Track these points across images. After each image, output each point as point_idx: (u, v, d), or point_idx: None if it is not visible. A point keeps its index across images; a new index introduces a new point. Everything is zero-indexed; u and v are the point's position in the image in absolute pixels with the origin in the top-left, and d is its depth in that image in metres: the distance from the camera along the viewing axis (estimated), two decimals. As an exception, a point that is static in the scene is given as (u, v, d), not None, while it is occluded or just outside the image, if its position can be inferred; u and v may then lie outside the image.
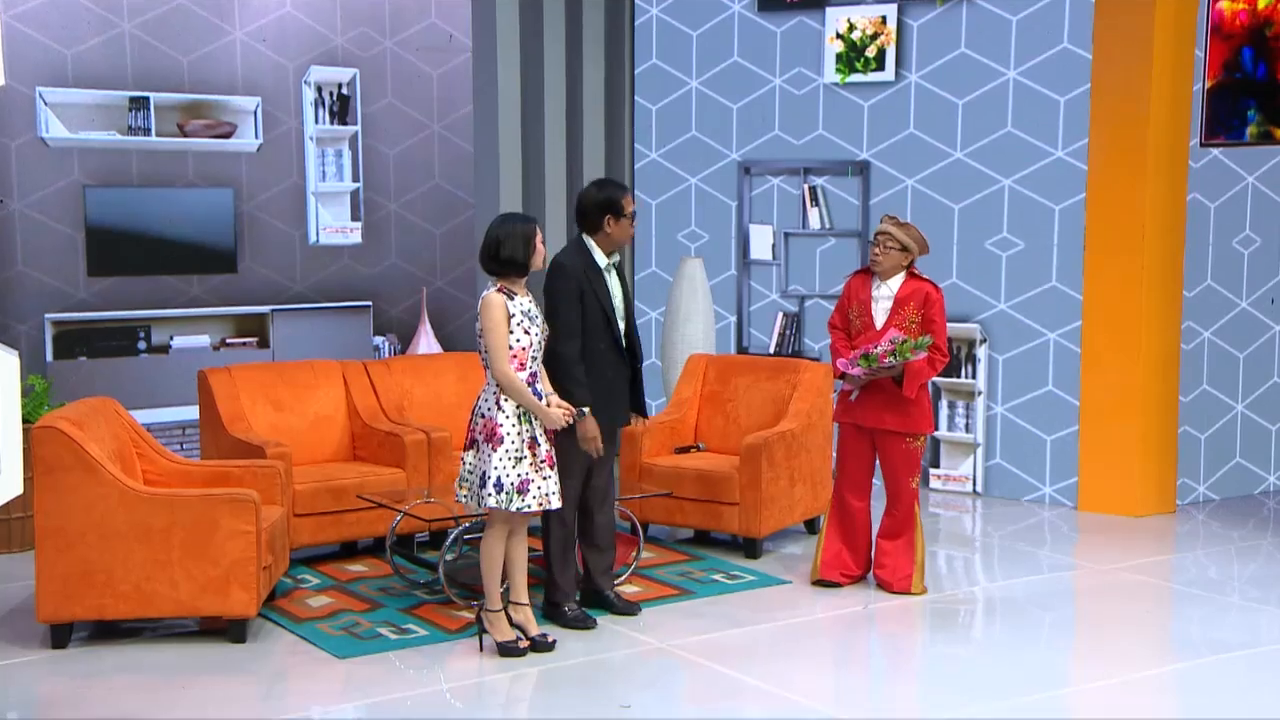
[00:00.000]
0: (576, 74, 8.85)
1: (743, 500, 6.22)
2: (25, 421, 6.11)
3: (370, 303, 9.67)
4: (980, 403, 7.68)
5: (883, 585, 5.81)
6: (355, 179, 9.68)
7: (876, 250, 5.60)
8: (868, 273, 5.71)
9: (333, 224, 9.57)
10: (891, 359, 5.44)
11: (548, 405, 4.92)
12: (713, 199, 8.39)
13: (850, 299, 5.73)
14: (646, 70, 8.55)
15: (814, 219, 8.08)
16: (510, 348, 4.82)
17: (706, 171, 8.41)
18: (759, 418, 6.68)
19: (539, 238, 4.95)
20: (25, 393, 6.44)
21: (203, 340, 9.08)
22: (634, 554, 5.92)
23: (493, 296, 4.86)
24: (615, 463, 5.65)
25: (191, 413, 7.98)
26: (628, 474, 6.58)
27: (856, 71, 7.90)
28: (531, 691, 4.70)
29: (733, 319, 8.32)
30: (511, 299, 4.87)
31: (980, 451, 7.71)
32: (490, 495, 4.80)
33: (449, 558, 5.55)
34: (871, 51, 7.85)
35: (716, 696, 4.72)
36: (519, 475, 4.82)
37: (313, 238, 9.54)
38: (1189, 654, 5.21)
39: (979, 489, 7.74)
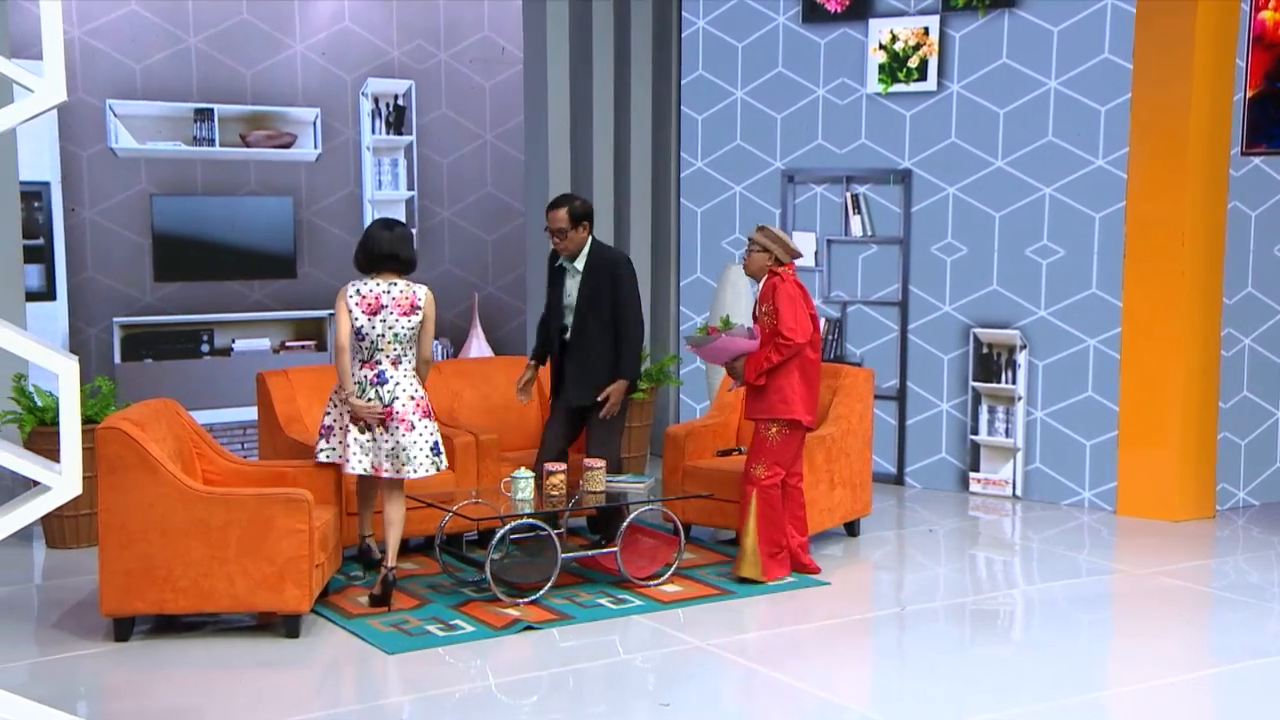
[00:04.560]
0: (624, 85, 8.86)
1: (783, 503, 6.18)
2: (92, 422, 6.20)
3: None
4: (1020, 408, 7.60)
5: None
6: (410, 187, 9.75)
7: (746, 255, 5.93)
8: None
9: (388, 231, 9.62)
10: (699, 334, 5.92)
11: None
12: (756, 206, 8.36)
13: None
14: (693, 81, 8.54)
15: (856, 226, 8.03)
16: None
17: (751, 180, 8.38)
18: (800, 422, 6.63)
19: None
20: (93, 394, 6.53)
21: (263, 343, 9.19)
22: (675, 554, 5.91)
23: (430, 292, 5.51)
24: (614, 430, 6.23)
25: (252, 413, 8.05)
26: (670, 475, 6.57)
27: (899, 81, 7.84)
28: (572, 687, 4.70)
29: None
30: None
31: (1020, 456, 7.63)
32: (443, 461, 5.50)
33: (495, 556, 5.56)
34: (914, 62, 7.79)
35: (755, 695, 4.69)
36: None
37: (369, 244, 9.60)
38: (1228, 659, 5.11)
39: (1019, 493, 7.65)
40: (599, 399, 6.09)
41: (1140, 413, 7.22)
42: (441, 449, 5.50)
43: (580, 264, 6.14)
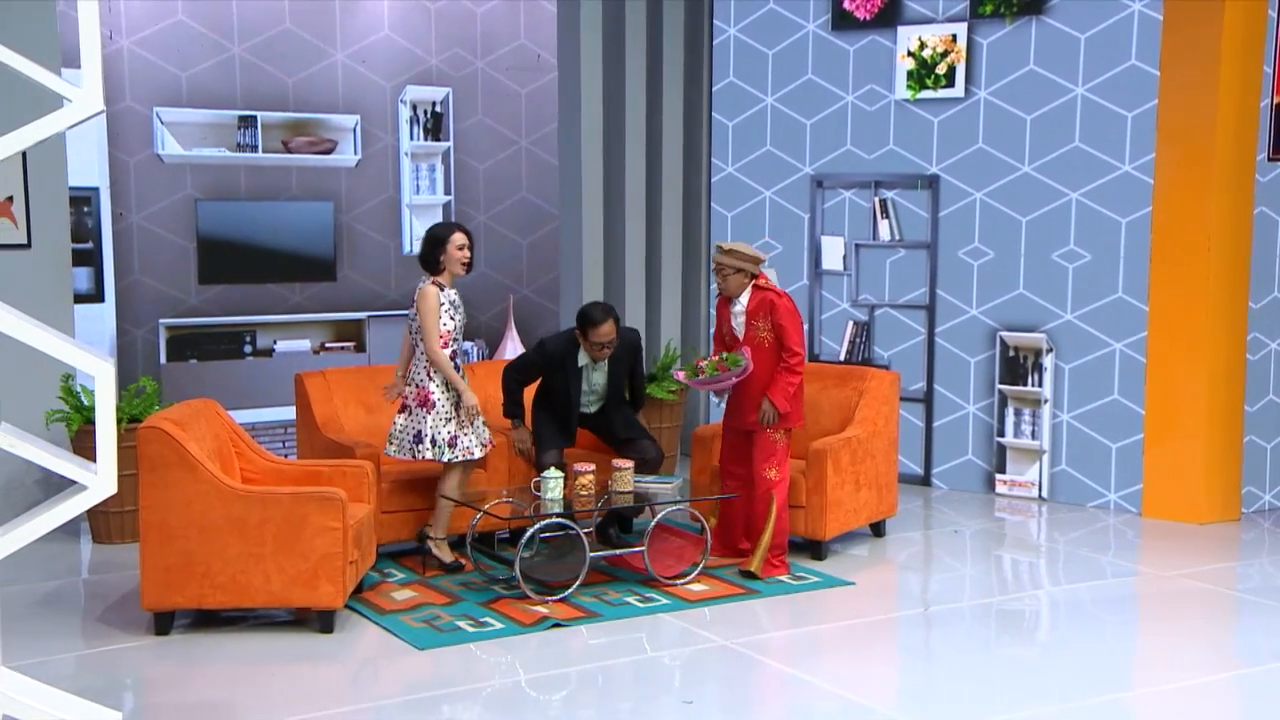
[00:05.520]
0: (657, 91, 8.85)
1: (809, 504, 6.16)
2: (136, 421, 6.26)
3: (460, 310, 9.75)
4: (1046, 410, 7.53)
5: (738, 562, 6.00)
6: (447, 192, 9.78)
7: (718, 279, 5.93)
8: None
9: (426, 235, 9.67)
10: (707, 373, 5.85)
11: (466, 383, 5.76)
12: (786, 211, 8.33)
13: (720, 321, 6.07)
14: (724, 88, 8.51)
15: (884, 231, 7.98)
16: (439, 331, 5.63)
17: (780, 185, 8.35)
18: (826, 424, 6.61)
19: (455, 245, 5.68)
20: (137, 394, 6.59)
21: (304, 344, 9.24)
22: (702, 554, 5.89)
23: (428, 288, 5.65)
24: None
25: (294, 412, 8.12)
26: (699, 476, 6.55)
27: (927, 88, 7.79)
28: (598, 684, 4.69)
29: (805, 327, 8.23)
30: (443, 290, 5.66)
31: (1046, 458, 7.56)
32: (426, 450, 5.65)
33: (525, 555, 5.56)
34: (942, 69, 7.73)
35: (778, 694, 4.67)
36: (449, 433, 5.67)
37: (407, 248, 9.66)
38: (1252, 661, 5.04)
39: (1045, 495, 7.58)
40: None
41: (1166, 416, 7.13)
42: (427, 439, 5.66)
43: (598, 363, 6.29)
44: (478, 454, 5.78)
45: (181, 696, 4.54)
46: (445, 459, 5.69)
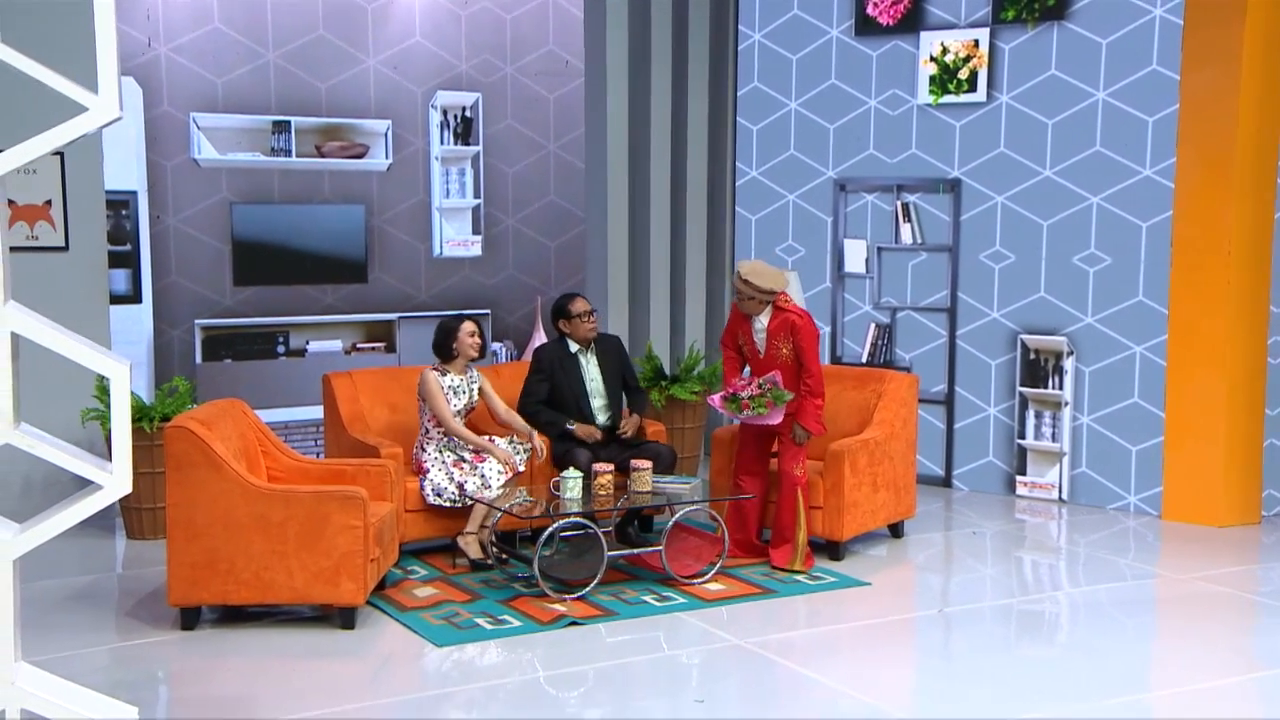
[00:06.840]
0: (682, 96, 8.80)
1: (826, 504, 6.10)
2: (167, 419, 6.28)
3: (489, 310, 9.77)
4: (1067, 413, 7.43)
5: (770, 562, 5.99)
6: (476, 195, 9.78)
7: (739, 300, 5.93)
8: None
9: (455, 237, 9.70)
10: (753, 409, 5.79)
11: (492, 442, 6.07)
12: (809, 214, 8.27)
13: (736, 327, 6.04)
14: (748, 93, 8.46)
15: (906, 234, 7.91)
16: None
17: (804, 188, 8.29)
18: (845, 425, 6.55)
19: (465, 332, 6.03)
20: (170, 393, 6.61)
21: (335, 345, 9.27)
22: (719, 553, 5.85)
23: (427, 374, 6.03)
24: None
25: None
26: (717, 477, 6.51)
27: (949, 93, 7.71)
28: (615, 682, 4.66)
29: (827, 329, 8.19)
30: (444, 375, 6.05)
31: (1066, 460, 7.46)
32: (444, 502, 5.95)
33: (545, 553, 5.53)
34: (964, 73, 7.65)
35: (791, 694, 4.62)
36: (456, 484, 5.92)
37: (436, 250, 9.67)
38: (1270, 663, 4.94)
39: (1065, 497, 7.48)
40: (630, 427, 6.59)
41: (1186, 418, 7.02)
42: (443, 493, 5.95)
43: (592, 345, 6.54)
44: (494, 483, 5.94)
45: (206, 690, 4.54)
46: (460, 504, 5.97)
